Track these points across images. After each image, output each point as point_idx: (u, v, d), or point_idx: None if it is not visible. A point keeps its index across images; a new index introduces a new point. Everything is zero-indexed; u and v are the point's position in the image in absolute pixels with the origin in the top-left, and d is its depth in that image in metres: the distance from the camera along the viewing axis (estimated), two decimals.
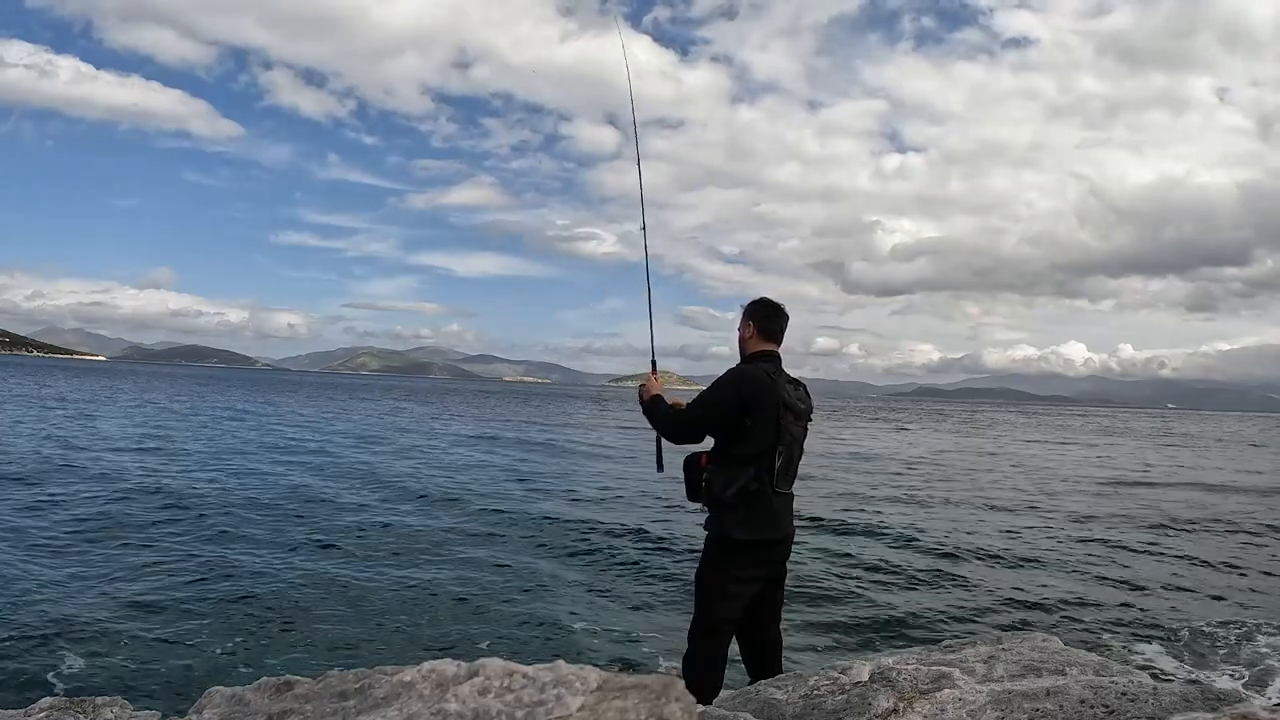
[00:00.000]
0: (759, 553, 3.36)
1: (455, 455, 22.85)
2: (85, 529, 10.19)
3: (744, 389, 3.33)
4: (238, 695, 1.95)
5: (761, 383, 3.33)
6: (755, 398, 3.29)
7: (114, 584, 7.80)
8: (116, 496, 12.62)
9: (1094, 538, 12.49)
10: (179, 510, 11.77)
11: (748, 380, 3.36)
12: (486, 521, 12.29)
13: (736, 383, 3.37)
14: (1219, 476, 24.39)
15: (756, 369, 3.40)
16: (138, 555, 8.96)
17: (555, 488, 16.56)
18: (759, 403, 3.29)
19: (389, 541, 10.43)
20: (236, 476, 15.77)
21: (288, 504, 12.89)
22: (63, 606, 7.01)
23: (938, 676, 2.48)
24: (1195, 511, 15.95)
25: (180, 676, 5.66)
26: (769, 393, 3.31)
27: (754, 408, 3.28)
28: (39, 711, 2.20)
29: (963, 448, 34.38)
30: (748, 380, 3.36)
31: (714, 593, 3.38)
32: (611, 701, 1.27)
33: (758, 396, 3.29)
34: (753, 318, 3.52)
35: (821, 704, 2.49)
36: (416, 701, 1.39)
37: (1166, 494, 19.07)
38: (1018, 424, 67.06)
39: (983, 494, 17.85)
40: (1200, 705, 2.06)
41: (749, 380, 3.35)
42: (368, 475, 17.16)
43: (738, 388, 3.35)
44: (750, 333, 3.51)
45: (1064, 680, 2.37)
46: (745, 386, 3.33)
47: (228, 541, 9.90)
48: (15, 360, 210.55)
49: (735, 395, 3.32)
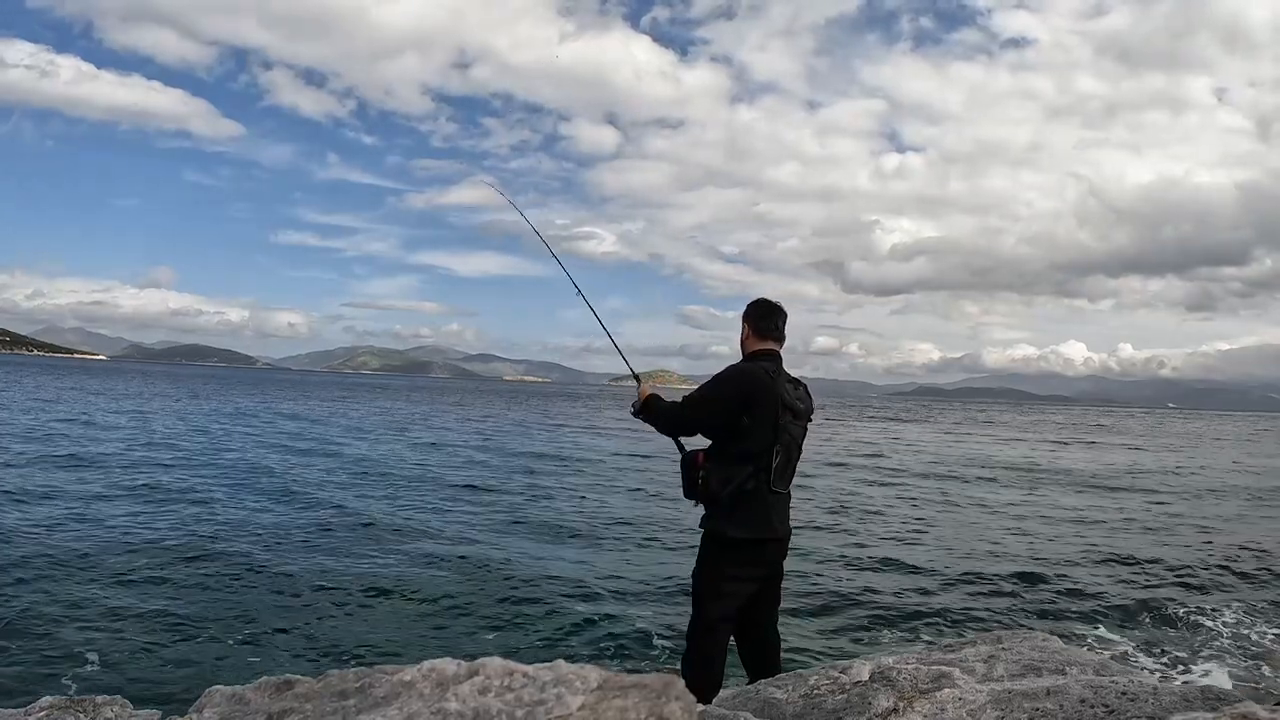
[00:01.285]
0: (755, 552, 3.36)
1: (456, 454, 22.84)
2: (85, 529, 10.18)
3: (743, 386, 3.33)
4: (238, 694, 1.95)
5: (760, 381, 3.33)
6: (754, 396, 3.30)
7: (114, 584, 7.80)
8: (116, 496, 12.62)
9: (1093, 537, 12.50)
10: (179, 509, 11.77)
11: (747, 378, 3.36)
12: (486, 521, 12.29)
13: (736, 380, 3.38)
14: (1219, 477, 24.39)
15: (756, 367, 3.41)
16: (138, 555, 8.95)
17: (555, 486, 16.56)
18: (757, 401, 3.29)
19: (389, 540, 10.42)
20: (237, 475, 15.76)
21: (287, 503, 12.89)
22: (62, 606, 7.00)
23: (938, 676, 2.48)
24: (1195, 511, 15.96)
25: (180, 676, 5.66)
26: (768, 391, 3.31)
27: (752, 406, 3.28)
28: (39, 711, 2.20)
29: (962, 448, 34.37)
30: (747, 378, 3.36)
31: (710, 591, 3.38)
32: (611, 701, 1.26)
33: (756, 395, 3.30)
34: (748, 319, 3.55)
35: (821, 703, 2.49)
36: (417, 701, 1.39)
37: (1166, 494, 19.06)
38: (1018, 424, 67.06)
39: (982, 494, 17.85)
40: (1200, 705, 2.06)
41: (748, 378, 3.36)
42: (369, 474, 17.16)
43: (737, 385, 3.35)
44: (746, 334, 3.54)
45: (1064, 680, 2.37)
46: (744, 384, 3.34)
47: (228, 541, 9.89)
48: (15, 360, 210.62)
49: (734, 392, 3.33)
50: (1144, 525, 13.92)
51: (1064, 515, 14.75)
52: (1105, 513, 15.26)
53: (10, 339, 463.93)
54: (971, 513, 14.76)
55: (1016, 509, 15.51)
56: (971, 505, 15.79)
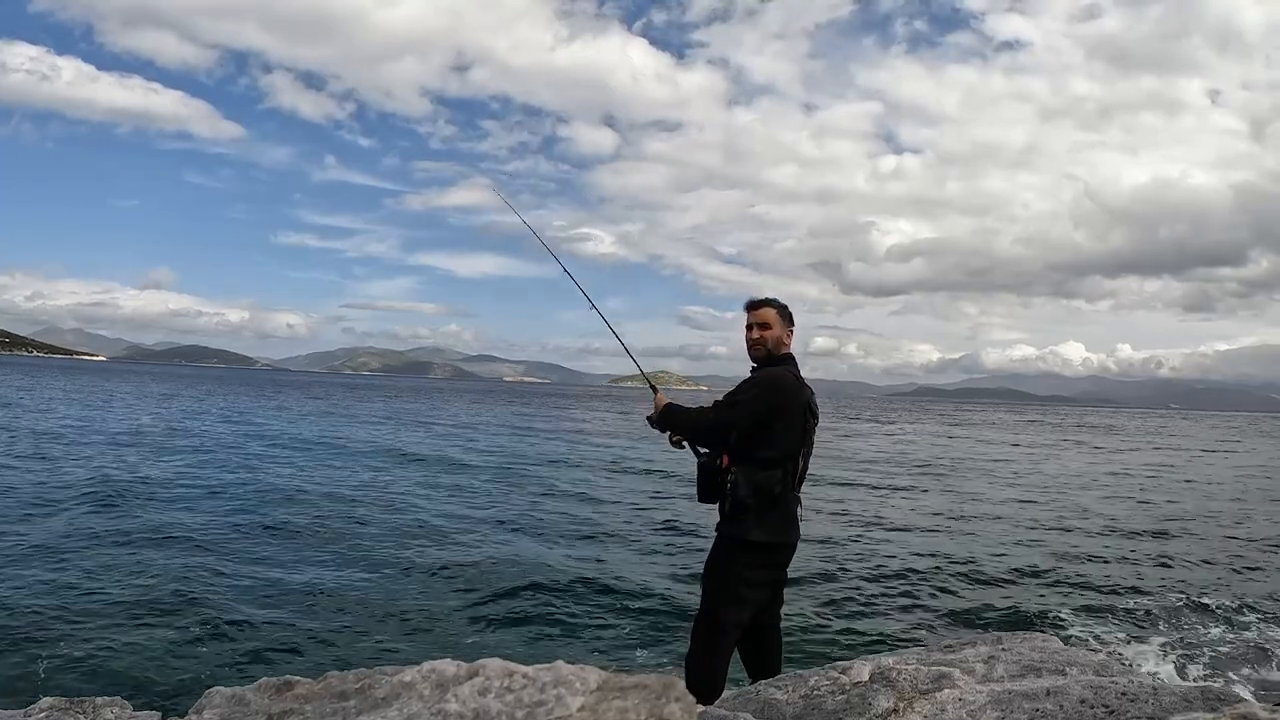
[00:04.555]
0: (774, 555, 3.41)
1: (457, 453, 22.83)
2: (84, 529, 10.18)
3: (778, 392, 3.38)
4: (238, 695, 1.95)
5: (791, 387, 3.39)
6: (786, 402, 3.36)
7: (114, 584, 7.79)
8: (116, 496, 12.61)
9: (1093, 538, 12.50)
10: (178, 509, 11.76)
11: (781, 384, 3.40)
12: (486, 520, 12.29)
13: (772, 385, 3.40)
14: (1221, 476, 24.39)
15: (786, 372, 3.45)
16: (137, 555, 8.94)
17: (555, 486, 16.54)
18: (789, 407, 3.35)
19: (389, 540, 10.41)
20: (237, 474, 15.75)
21: (286, 502, 12.87)
22: (63, 607, 6.99)
23: (938, 676, 2.48)
24: (1196, 511, 15.95)
25: (180, 676, 5.66)
26: (797, 397, 3.38)
27: (784, 411, 3.34)
28: (39, 712, 2.20)
29: (962, 448, 34.37)
30: (781, 384, 3.40)
31: (726, 595, 3.38)
32: (611, 701, 1.27)
33: (788, 400, 3.36)
34: (787, 320, 3.56)
35: (821, 704, 2.49)
36: (416, 702, 1.39)
37: (1167, 494, 19.06)
38: (1019, 424, 67.07)
39: (981, 494, 17.85)
40: (1200, 705, 2.06)
41: (782, 384, 3.40)
42: (370, 472, 17.15)
43: (773, 390, 3.38)
44: (786, 334, 3.55)
45: (1064, 680, 2.37)
46: (779, 390, 3.38)
47: (228, 541, 9.90)
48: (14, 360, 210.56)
49: (770, 397, 3.36)
50: (1144, 525, 13.90)
51: (1064, 515, 14.74)
52: (1105, 513, 15.25)
53: (10, 340, 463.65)
54: (971, 513, 14.76)
55: (1016, 509, 15.51)
56: (971, 505, 15.78)
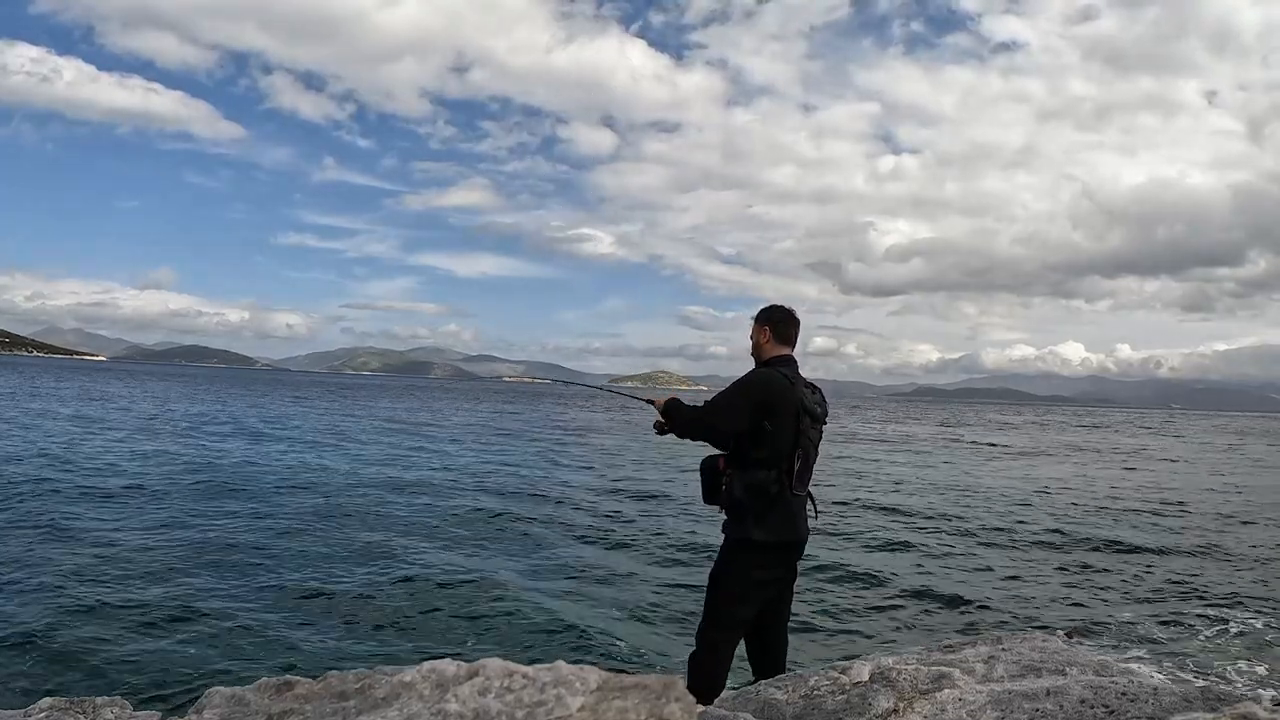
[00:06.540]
0: (778, 555, 3.41)
1: (457, 453, 22.84)
2: (83, 529, 10.18)
3: (765, 392, 3.37)
4: (238, 695, 1.95)
5: (781, 387, 3.38)
6: (775, 402, 3.34)
7: (114, 584, 7.80)
8: (116, 496, 12.62)
9: (1092, 538, 12.48)
10: (178, 509, 11.77)
11: (767, 384, 3.40)
12: (486, 520, 12.30)
13: (757, 386, 3.41)
14: (1222, 476, 24.39)
15: (775, 373, 3.44)
16: (137, 555, 8.95)
17: (555, 486, 16.55)
18: (778, 407, 3.34)
19: (389, 540, 10.42)
20: (236, 474, 15.75)
21: (286, 502, 12.88)
22: (62, 607, 7.00)
23: (938, 676, 2.48)
24: (1197, 511, 15.95)
25: (180, 676, 5.66)
26: (787, 397, 3.36)
27: (774, 411, 3.33)
28: (39, 712, 2.20)
29: (962, 448, 34.37)
30: (767, 384, 3.40)
31: (731, 596, 3.39)
32: (611, 702, 1.26)
33: (777, 400, 3.35)
34: (768, 323, 3.58)
35: (821, 704, 2.49)
36: (416, 702, 1.39)
37: (1167, 494, 19.05)
38: (1019, 424, 67.06)
39: (980, 495, 17.85)
40: (1200, 705, 2.06)
41: (769, 384, 3.40)
42: (367, 474, 17.14)
43: (759, 391, 3.38)
44: (766, 338, 3.57)
45: (1064, 680, 2.37)
46: (766, 390, 3.38)
47: (227, 540, 9.89)
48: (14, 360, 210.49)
49: (756, 398, 3.36)
50: (1144, 525, 13.91)
51: (1064, 516, 14.74)
52: (1104, 513, 15.25)
53: (10, 340, 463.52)
54: (971, 513, 14.76)
55: (1016, 509, 15.50)
56: (971, 505, 15.79)
